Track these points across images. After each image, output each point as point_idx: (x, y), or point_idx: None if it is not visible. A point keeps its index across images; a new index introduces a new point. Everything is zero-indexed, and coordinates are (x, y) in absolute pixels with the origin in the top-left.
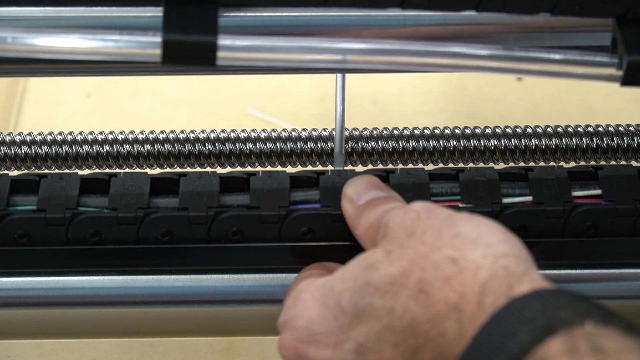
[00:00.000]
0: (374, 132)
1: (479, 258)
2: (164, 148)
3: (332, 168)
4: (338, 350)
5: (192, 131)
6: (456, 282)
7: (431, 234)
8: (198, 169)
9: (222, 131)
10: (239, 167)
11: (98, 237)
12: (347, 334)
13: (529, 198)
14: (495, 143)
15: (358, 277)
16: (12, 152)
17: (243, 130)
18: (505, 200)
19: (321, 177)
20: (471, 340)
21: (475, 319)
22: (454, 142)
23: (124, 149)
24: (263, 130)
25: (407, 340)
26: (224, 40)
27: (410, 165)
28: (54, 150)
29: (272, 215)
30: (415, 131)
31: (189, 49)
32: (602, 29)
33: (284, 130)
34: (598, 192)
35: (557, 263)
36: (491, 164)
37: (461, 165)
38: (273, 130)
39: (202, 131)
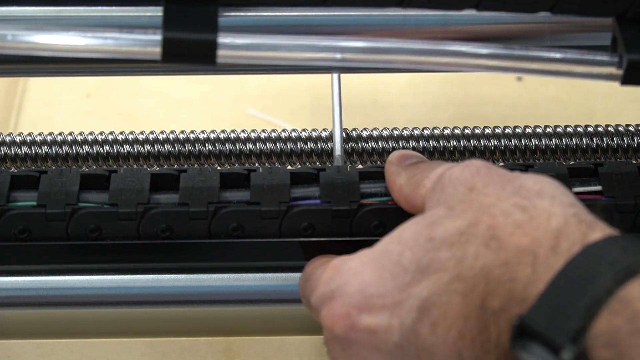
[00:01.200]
0: (374, 132)
1: (548, 206)
2: (164, 148)
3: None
4: (397, 310)
5: (192, 131)
6: (529, 227)
7: (494, 187)
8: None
9: (222, 131)
10: (238, 167)
11: (98, 232)
12: (407, 291)
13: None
14: (495, 143)
15: (419, 235)
16: (12, 152)
17: (243, 130)
18: None
19: (321, 173)
20: (549, 284)
21: (551, 264)
22: (454, 142)
23: (124, 149)
24: (263, 130)
25: (477, 288)
26: (224, 39)
27: None
28: (54, 150)
29: (272, 211)
30: (415, 131)
31: (189, 46)
32: (602, 28)
33: (284, 130)
34: (598, 188)
35: None
36: None
37: None
38: (273, 130)
39: (202, 131)
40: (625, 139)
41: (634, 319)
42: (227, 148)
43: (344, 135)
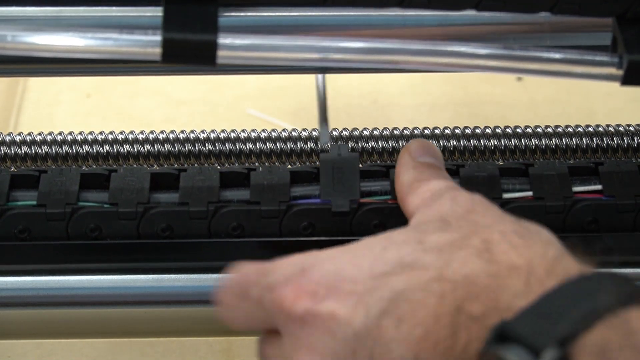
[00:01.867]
0: (374, 132)
1: (545, 241)
2: (164, 148)
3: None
4: (366, 298)
5: (192, 131)
6: (525, 250)
7: (493, 214)
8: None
9: (222, 131)
10: (238, 166)
11: (98, 232)
12: (382, 281)
13: (530, 193)
14: (495, 143)
15: (409, 238)
16: (12, 152)
17: (243, 130)
18: (506, 196)
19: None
20: (543, 296)
21: (545, 283)
22: (454, 142)
23: (124, 149)
24: (263, 130)
25: (456, 292)
26: (224, 39)
27: None
28: (54, 150)
29: (272, 210)
30: (415, 131)
31: (189, 47)
32: (602, 29)
33: (284, 130)
34: (598, 187)
35: None
36: None
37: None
38: (273, 130)
39: (202, 131)
40: (625, 138)
41: (630, 336)
42: (227, 148)
43: (344, 135)
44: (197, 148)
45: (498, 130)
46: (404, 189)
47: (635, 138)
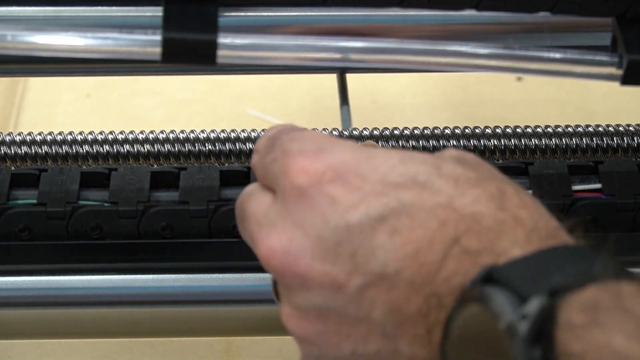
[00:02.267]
0: (374, 132)
1: (550, 213)
2: (164, 148)
3: None
4: (369, 199)
5: (192, 131)
6: (534, 209)
7: (501, 175)
8: None
9: (222, 131)
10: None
11: (98, 231)
12: (390, 190)
13: (529, 192)
14: (495, 143)
15: (427, 158)
16: (12, 151)
17: (243, 130)
18: None
19: None
20: (540, 250)
21: (545, 242)
22: (454, 142)
23: (124, 149)
24: (263, 130)
25: (459, 225)
26: (224, 39)
27: None
28: (54, 150)
29: None
30: (415, 131)
31: (188, 47)
32: (602, 28)
33: None
34: (598, 186)
35: None
36: None
37: None
38: None
39: (202, 131)
40: (625, 138)
41: (621, 298)
42: (227, 148)
43: (344, 135)
44: (197, 148)
45: (498, 130)
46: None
47: (635, 138)
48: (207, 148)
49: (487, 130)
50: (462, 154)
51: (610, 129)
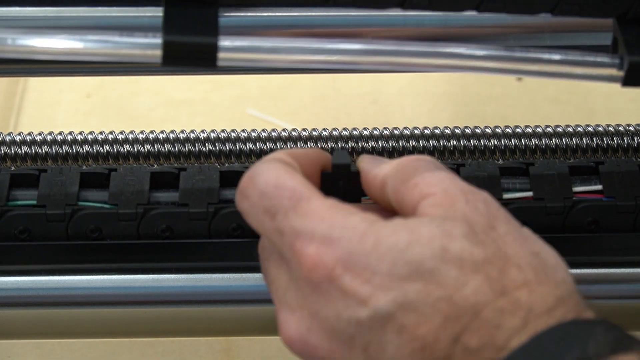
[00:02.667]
0: (374, 132)
1: (558, 280)
2: (164, 148)
3: None
4: (379, 293)
5: (192, 131)
6: (535, 288)
7: (514, 239)
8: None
9: (222, 131)
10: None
11: (98, 232)
12: (398, 283)
13: (530, 193)
14: (495, 143)
15: (434, 238)
16: (12, 152)
17: (243, 130)
18: (506, 196)
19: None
20: (536, 336)
21: (541, 322)
22: (454, 142)
23: (124, 148)
24: (263, 130)
25: (461, 319)
26: (224, 41)
27: None
28: (54, 150)
29: None
30: (415, 131)
31: (189, 50)
32: (603, 29)
33: (284, 130)
34: (599, 187)
35: None
36: None
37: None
38: (273, 130)
39: (202, 131)
40: (625, 138)
41: None
42: (227, 148)
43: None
44: (197, 148)
45: (498, 130)
46: (389, 183)
47: (635, 138)
48: (207, 148)
49: (487, 130)
50: (478, 218)
51: (610, 129)
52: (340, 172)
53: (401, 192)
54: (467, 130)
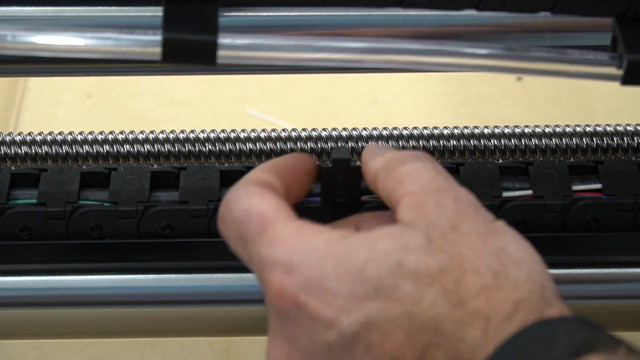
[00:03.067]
0: (374, 132)
1: (519, 279)
2: (164, 148)
3: None
4: (342, 315)
5: (192, 131)
6: (493, 293)
7: (476, 238)
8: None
9: (222, 131)
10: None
11: (98, 231)
12: (359, 303)
13: (529, 192)
14: (495, 143)
15: (390, 253)
16: (12, 151)
17: (243, 130)
18: (506, 194)
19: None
20: (498, 349)
21: (503, 331)
22: (454, 142)
23: (124, 148)
24: (263, 130)
25: (423, 334)
26: (224, 39)
27: None
28: (54, 150)
29: None
30: (415, 131)
31: (189, 47)
32: (602, 28)
33: (284, 130)
34: (598, 186)
35: (557, 259)
36: None
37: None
38: (273, 130)
39: (202, 131)
40: (625, 138)
41: None
42: (227, 148)
43: (344, 135)
44: (197, 148)
45: (498, 130)
46: (380, 179)
47: (635, 138)
48: (207, 148)
49: (487, 130)
50: (440, 222)
51: (610, 129)
52: (339, 167)
53: (387, 187)
54: (467, 130)
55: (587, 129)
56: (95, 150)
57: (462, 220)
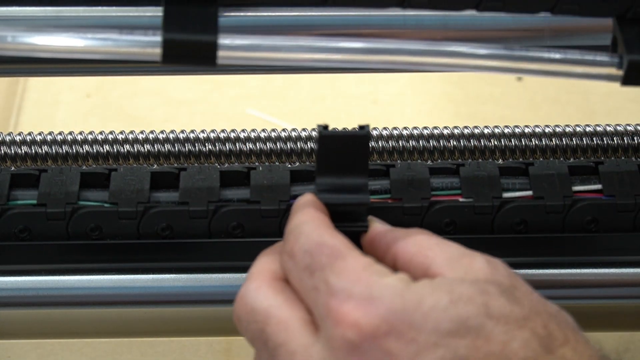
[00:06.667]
0: (374, 132)
1: (588, 340)
2: (164, 148)
3: None
4: (427, 351)
5: (192, 131)
6: (576, 346)
7: (537, 298)
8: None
9: (222, 131)
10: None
11: (98, 231)
12: (445, 339)
13: (530, 192)
14: (495, 143)
15: (474, 296)
16: (12, 151)
17: (243, 130)
18: (506, 195)
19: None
20: None
21: None
22: (454, 142)
23: (124, 149)
24: (263, 130)
25: None
26: (224, 40)
27: None
28: (54, 150)
29: (272, 210)
30: (415, 131)
31: (189, 48)
32: (602, 29)
33: (284, 130)
34: (598, 186)
35: (557, 260)
36: None
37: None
38: (273, 130)
39: (202, 131)
40: (625, 138)
41: None
42: (227, 148)
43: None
44: (197, 148)
45: (498, 130)
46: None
47: (635, 138)
48: (207, 148)
49: (487, 130)
50: (493, 273)
51: (610, 129)
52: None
53: (401, 251)
54: (467, 130)
55: (587, 129)
56: (95, 150)
57: (517, 281)
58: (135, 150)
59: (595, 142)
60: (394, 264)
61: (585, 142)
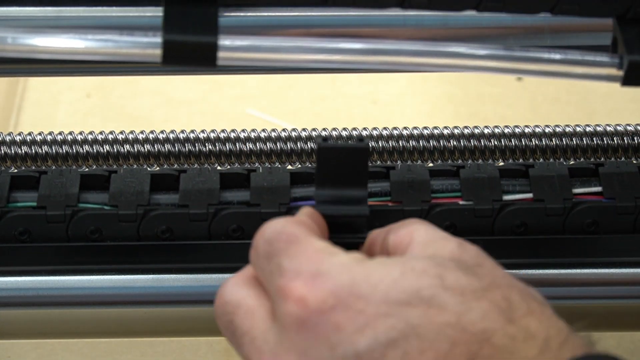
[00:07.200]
0: (374, 132)
1: (550, 312)
2: (164, 148)
3: None
4: (377, 321)
5: (192, 131)
6: (542, 316)
7: (503, 274)
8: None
9: (222, 131)
10: (238, 167)
11: (98, 234)
12: (396, 309)
13: (530, 195)
14: (495, 143)
15: (428, 268)
16: (12, 152)
17: (243, 130)
18: (506, 197)
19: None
20: None
21: (561, 355)
22: (454, 142)
23: (124, 149)
24: (263, 130)
25: (471, 345)
26: (224, 41)
27: None
28: (54, 150)
29: (272, 213)
30: (415, 131)
31: (189, 49)
32: (603, 29)
33: (284, 130)
34: (599, 189)
35: (557, 262)
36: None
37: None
38: (273, 130)
39: (202, 131)
40: (625, 138)
41: None
42: (227, 148)
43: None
44: (197, 148)
45: (498, 130)
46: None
47: (635, 138)
48: (207, 148)
49: (487, 130)
50: (461, 253)
51: (610, 129)
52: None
53: (392, 239)
54: (467, 131)
55: (587, 129)
56: (95, 151)
57: (484, 260)
58: (136, 150)
59: (595, 142)
60: (387, 253)
61: (585, 142)
